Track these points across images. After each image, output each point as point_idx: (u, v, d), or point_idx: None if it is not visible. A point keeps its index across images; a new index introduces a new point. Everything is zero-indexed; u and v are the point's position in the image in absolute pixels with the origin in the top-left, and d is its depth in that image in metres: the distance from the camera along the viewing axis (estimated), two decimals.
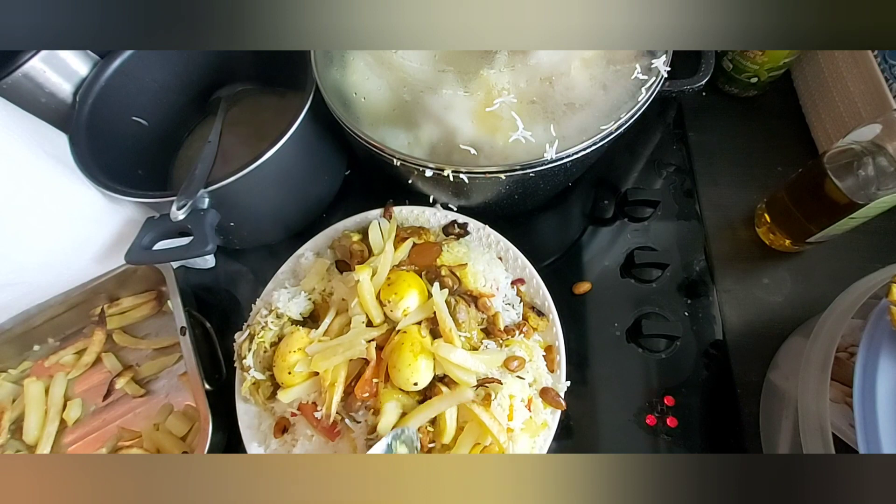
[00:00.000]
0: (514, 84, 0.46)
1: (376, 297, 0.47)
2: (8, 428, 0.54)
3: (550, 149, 0.43)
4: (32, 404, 0.55)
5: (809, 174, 0.51)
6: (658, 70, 0.45)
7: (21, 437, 0.54)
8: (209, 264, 0.65)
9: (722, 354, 0.54)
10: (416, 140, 0.48)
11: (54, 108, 0.54)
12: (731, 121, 0.67)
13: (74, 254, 0.53)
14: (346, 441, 0.46)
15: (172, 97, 0.64)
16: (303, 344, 0.47)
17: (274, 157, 0.49)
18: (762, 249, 0.59)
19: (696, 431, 0.51)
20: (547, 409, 0.47)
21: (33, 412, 0.55)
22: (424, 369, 0.43)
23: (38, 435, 0.54)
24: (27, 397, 0.55)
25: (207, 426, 0.48)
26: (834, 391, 0.43)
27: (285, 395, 0.46)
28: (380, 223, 0.54)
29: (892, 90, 0.52)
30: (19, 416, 0.55)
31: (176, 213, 0.46)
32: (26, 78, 0.51)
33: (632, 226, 0.62)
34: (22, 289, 0.53)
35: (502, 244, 0.54)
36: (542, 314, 0.51)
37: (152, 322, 0.62)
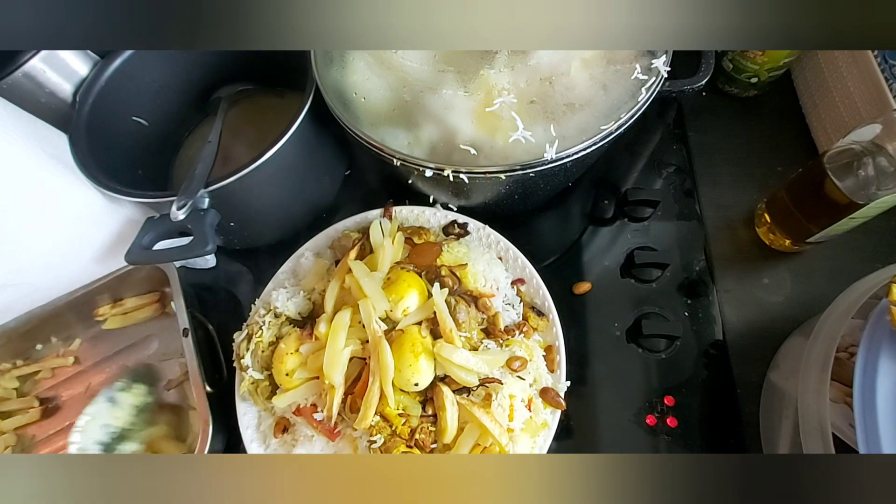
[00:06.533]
0: (514, 84, 0.46)
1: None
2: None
3: (550, 149, 0.43)
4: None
5: (809, 174, 0.51)
6: (658, 70, 0.45)
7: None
8: (209, 264, 0.65)
9: (722, 354, 0.54)
10: (416, 140, 0.48)
11: (54, 108, 0.54)
12: (731, 121, 0.67)
13: (74, 254, 0.53)
14: (347, 441, 0.46)
15: (172, 97, 0.64)
16: (300, 345, 0.47)
17: (274, 157, 0.49)
18: (762, 249, 0.59)
19: (696, 431, 0.51)
20: (547, 409, 0.47)
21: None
22: (425, 369, 0.43)
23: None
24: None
25: (208, 427, 0.48)
26: (834, 391, 0.43)
27: (280, 400, 0.46)
28: (381, 223, 0.54)
29: (892, 90, 0.52)
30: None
31: (176, 213, 0.46)
32: (26, 78, 0.51)
33: (632, 226, 0.62)
34: (22, 290, 0.53)
35: (502, 244, 0.54)
36: (542, 314, 0.51)
37: (155, 323, 0.61)
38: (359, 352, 0.45)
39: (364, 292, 0.45)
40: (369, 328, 0.44)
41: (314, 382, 0.46)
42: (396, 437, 0.43)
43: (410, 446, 0.43)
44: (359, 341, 0.45)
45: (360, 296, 0.45)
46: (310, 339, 0.47)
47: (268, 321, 0.49)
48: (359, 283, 0.45)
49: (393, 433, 0.43)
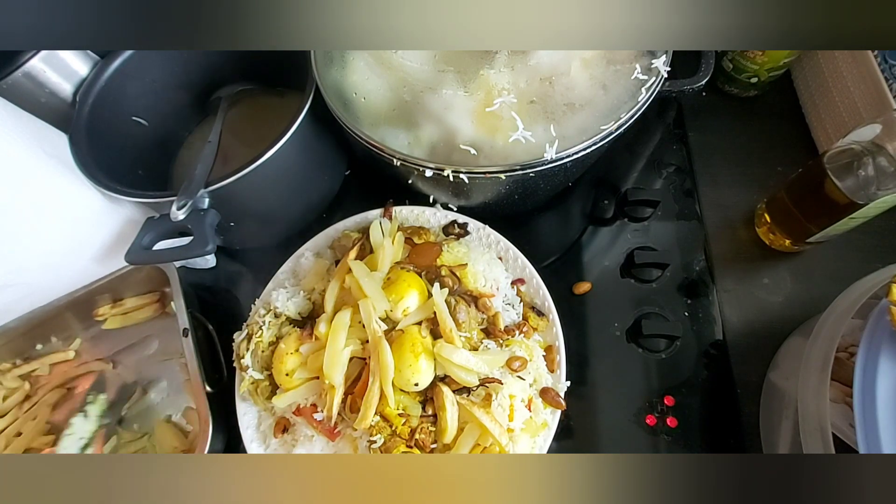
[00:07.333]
0: (514, 84, 0.46)
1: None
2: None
3: (550, 149, 0.43)
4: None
5: (809, 174, 0.51)
6: (658, 70, 0.45)
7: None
8: (209, 264, 0.65)
9: (722, 354, 0.54)
10: (416, 140, 0.48)
11: (54, 108, 0.53)
12: (731, 121, 0.67)
13: (74, 254, 0.53)
14: (347, 441, 0.46)
15: (172, 97, 0.64)
16: (300, 345, 0.47)
17: (274, 157, 0.49)
18: (762, 249, 0.59)
19: (696, 431, 0.51)
20: (547, 409, 0.47)
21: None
22: (425, 369, 0.43)
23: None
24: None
25: (207, 428, 0.48)
26: (834, 391, 0.43)
27: (280, 400, 0.46)
28: (381, 223, 0.54)
29: (892, 90, 0.52)
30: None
31: (176, 213, 0.46)
32: (26, 78, 0.51)
33: (632, 226, 0.62)
34: (21, 290, 0.53)
35: (502, 244, 0.54)
36: (542, 314, 0.51)
37: (155, 323, 0.61)
38: (359, 352, 0.45)
39: (364, 292, 0.45)
40: (369, 328, 0.44)
41: (314, 382, 0.46)
42: (396, 437, 0.43)
43: (410, 446, 0.43)
44: (359, 341, 0.45)
45: (360, 296, 0.45)
46: (310, 339, 0.47)
47: (268, 321, 0.49)
48: (359, 283, 0.45)
49: (393, 433, 0.43)
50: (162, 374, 0.59)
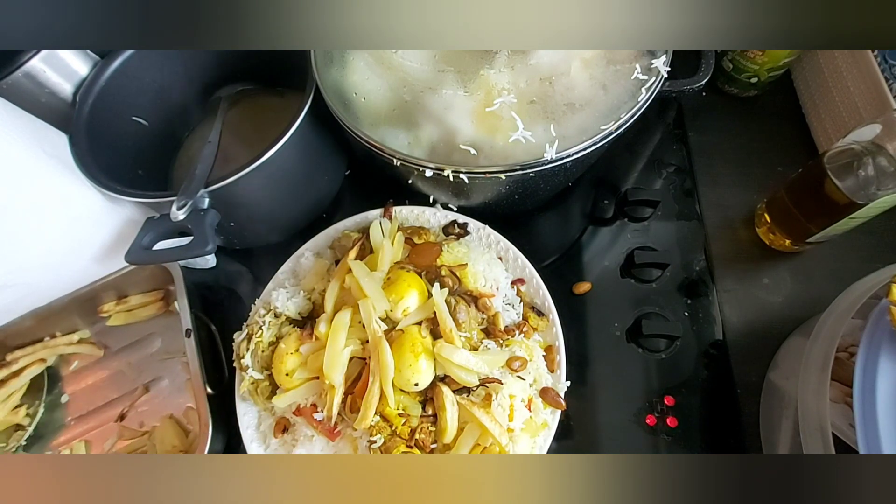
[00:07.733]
0: (514, 84, 0.46)
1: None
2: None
3: (550, 149, 0.43)
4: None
5: (809, 174, 0.51)
6: (658, 70, 0.45)
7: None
8: (210, 264, 0.65)
9: (722, 354, 0.54)
10: (416, 140, 0.48)
11: (54, 108, 0.54)
12: (731, 121, 0.67)
13: (74, 254, 0.53)
14: (347, 441, 0.46)
15: (172, 97, 0.64)
16: (300, 345, 0.47)
17: (274, 157, 0.49)
18: (762, 249, 0.59)
19: (696, 431, 0.51)
20: (547, 409, 0.47)
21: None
22: (425, 369, 0.43)
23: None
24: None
25: (207, 430, 0.48)
26: (834, 391, 0.43)
27: (280, 400, 0.46)
28: (381, 223, 0.54)
29: (892, 90, 0.52)
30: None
31: (176, 213, 0.46)
32: (26, 78, 0.51)
33: (632, 226, 0.62)
34: (21, 290, 0.53)
35: (502, 244, 0.54)
36: (542, 314, 0.51)
37: (158, 321, 0.62)
38: (359, 352, 0.45)
39: (364, 292, 0.45)
40: (369, 328, 0.44)
41: (314, 382, 0.46)
42: (396, 437, 0.43)
43: (410, 446, 0.43)
44: (359, 341, 0.45)
45: (360, 296, 0.45)
46: (310, 339, 0.47)
47: (268, 321, 0.49)
48: (359, 283, 0.45)
49: (393, 433, 0.43)
50: (164, 372, 0.59)
